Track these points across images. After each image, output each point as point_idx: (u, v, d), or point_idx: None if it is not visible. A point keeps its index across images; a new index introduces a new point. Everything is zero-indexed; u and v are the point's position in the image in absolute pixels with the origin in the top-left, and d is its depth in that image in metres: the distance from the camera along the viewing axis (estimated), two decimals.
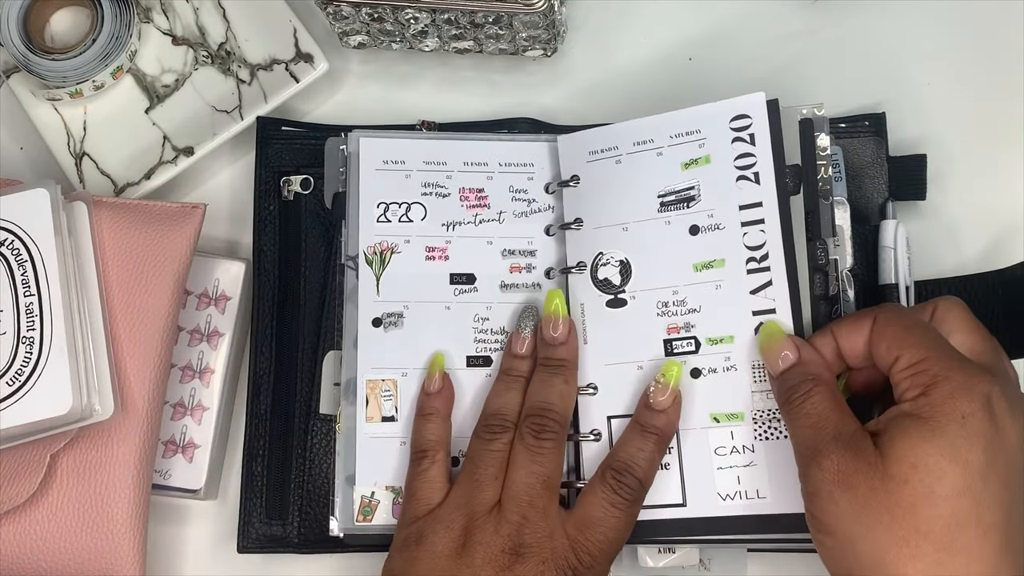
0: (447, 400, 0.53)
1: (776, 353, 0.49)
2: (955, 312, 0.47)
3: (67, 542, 0.53)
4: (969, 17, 0.61)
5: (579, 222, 0.55)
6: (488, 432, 0.51)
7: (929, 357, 0.44)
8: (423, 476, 0.51)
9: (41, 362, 0.51)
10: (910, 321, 0.46)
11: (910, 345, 0.45)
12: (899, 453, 0.42)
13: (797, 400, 0.46)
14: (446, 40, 0.59)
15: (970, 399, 0.42)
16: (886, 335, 0.46)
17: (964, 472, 0.41)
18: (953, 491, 0.41)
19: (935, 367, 0.43)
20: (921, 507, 0.41)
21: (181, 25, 0.63)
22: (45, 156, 0.63)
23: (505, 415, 0.51)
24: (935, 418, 0.42)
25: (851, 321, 0.48)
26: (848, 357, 0.48)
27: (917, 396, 0.43)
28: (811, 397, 0.46)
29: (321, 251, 0.59)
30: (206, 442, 0.58)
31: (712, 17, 0.62)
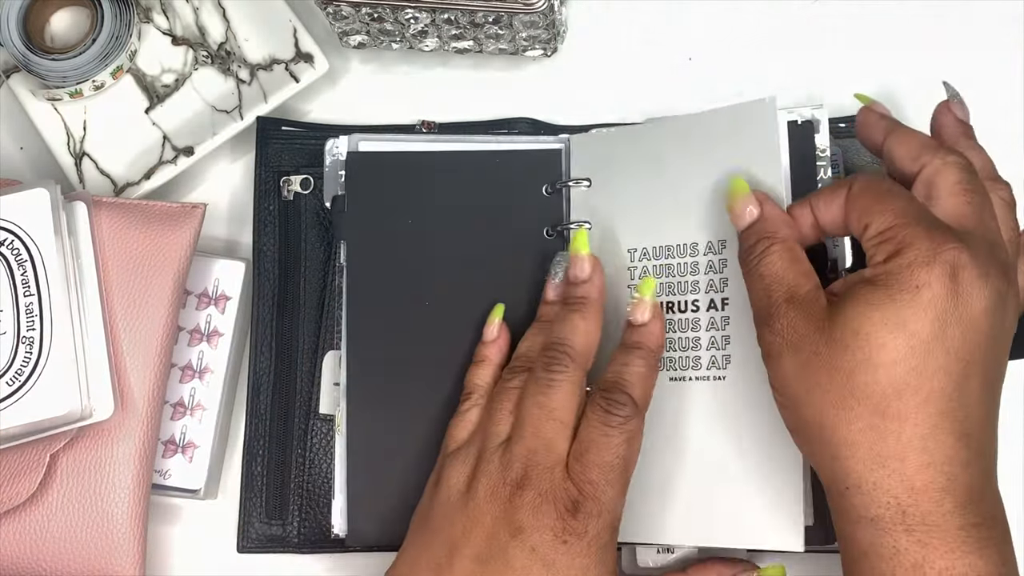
0: (501, 349, 0.53)
1: (741, 209, 0.48)
2: (943, 175, 0.45)
3: (67, 542, 0.53)
4: (969, 17, 0.61)
5: (587, 224, 0.55)
6: (510, 372, 0.51)
7: (897, 224, 0.43)
8: (462, 416, 0.51)
9: (41, 362, 0.51)
10: (883, 188, 0.45)
11: (879, 212, 0.43)
12: (845, 319, 0.42)
13: (753, 261, 0.46)
14: (446, 40, 0.59)
15: (930, 268, 0.41)
16: (858, 204, 0.45)
17: (906, 342, 0.41)
18: (891, 360, 0.41)
19: (901, 233, 0.42)
20: (857, 373, 0.41)
21: (181, 25, 0.63)
22: (45, 156, 0.63)
23: (529, 356, 0.51)
24: (888, 285, 0.41)
25: (828, 191, 0.47)
26: (825, 226, 0.47)
27: (880, 263, 0.42)
28: (767, 256, 0.46)
29: (321, 251, 0.59)
30: (206, 442, 0.58)
31: (712, 17, 0.62)
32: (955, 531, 0.41)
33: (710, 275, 0.52)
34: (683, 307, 0.52)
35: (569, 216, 0.56)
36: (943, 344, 0.41)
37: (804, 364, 0.43)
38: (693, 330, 0.52)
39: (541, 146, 0.57)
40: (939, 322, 0.41)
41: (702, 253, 0.52)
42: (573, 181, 0.56)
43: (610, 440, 0.47)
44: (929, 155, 0.45)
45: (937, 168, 0.45)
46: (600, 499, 0.46)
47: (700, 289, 0.52)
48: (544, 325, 0.52)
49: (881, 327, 0.41)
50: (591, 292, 0.51)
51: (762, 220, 0.47)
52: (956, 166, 0.45)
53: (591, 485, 0.46)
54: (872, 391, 0.41)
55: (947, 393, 0.41)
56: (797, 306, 0.44)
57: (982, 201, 0.44)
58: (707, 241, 0.52)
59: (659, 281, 0.53)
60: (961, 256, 0.41)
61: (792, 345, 0.43)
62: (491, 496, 0.47)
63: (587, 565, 0.45)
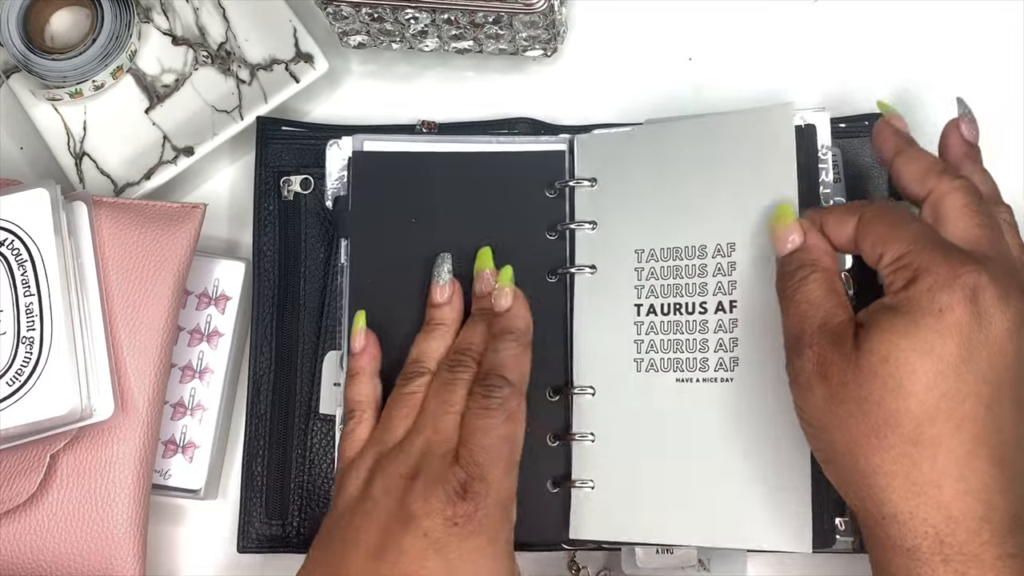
0: (372, 358, 0.53)
1: (784, 236, 0.48)
2: (950, 199, 0.45)
3: (67, 542, 0.53)
4: (969, 17, 0.61)
5: (593, 224, 0.55)
6: (404, 378, 0.52)
7: (912, 250, 0.43)
8: (349, 435, 0.52)
9: (41, 362, 0.51)
10: (895, 217, 0.45)
11: (893, 239, 0.44)
12: (872, 346, 0.41)
13: (792, 287, 0.46)
14: (446, 40, 0.59)
15: (950, 291, 0.41)
16: (870, 232, 0.45)
17: (935, 367, 0.40)
18: (922, 386, 0.40)
19: (918, 260, 0.42)
20: (888, 401, 0.41)
21: (181, 25, 0.63)
22: (45, 156, 0.63)
23: (423, 361, 0.52)
24: (911, 312, 0.41)
25: (838, 214, 0.47)
26: (837, 246, 0.48)
27: (899, 290, 0.42)
28: (806, 284, 0.45)
29: (321, 251, 0.59)
30: (206, 442, 0.58)
31: (712, 17, 0.62)
32: (993, 561, 0.40)
33: (718, 277, 0.52)
34: (691, 309, 0.52)
35: (572, 217, 0.56)
36: (971, 368, 0.40)
37: (834, 394, 0.42)
38: (701, 332, 0.52)
39: (544, 147, 0.57)
40: (965, 346, 0.40)
41: (711, 256, 0.52)
42: (577, 181, 0.56)
43: (491, 421, 0.48)
44: (935, 179, 0.46)
45: (944, 192, 0.45)
46: (487, 479, 0.47)
47: (708, 291, 0.52)
48: (435, 329, 0.53)
49: (909, 353, 0.41)
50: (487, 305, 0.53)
51: (804, 248, 0.47)
52: (963, 190, 0.45)
53: (477, 467, 0.47)
54: (904, 419, 0.41)
55: (979, 418, 0.40)
56: (829, 335, 0.43)
57: (992, 223, 0.45)
58: (716, 244, 0.52)
59: (666, 282, 0.53)
60: (980, 278, 0.41)
61: (821, 374, 0.43)
62: (385, 492, 0.48)
63: (479, 545, 0.46)
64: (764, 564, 0.55)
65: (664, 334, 0.53)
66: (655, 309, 0.53)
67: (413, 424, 0.50)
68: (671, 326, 0.53)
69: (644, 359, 0.53)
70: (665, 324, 0.53)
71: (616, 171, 0.55)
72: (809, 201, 0.52)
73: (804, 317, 0.45)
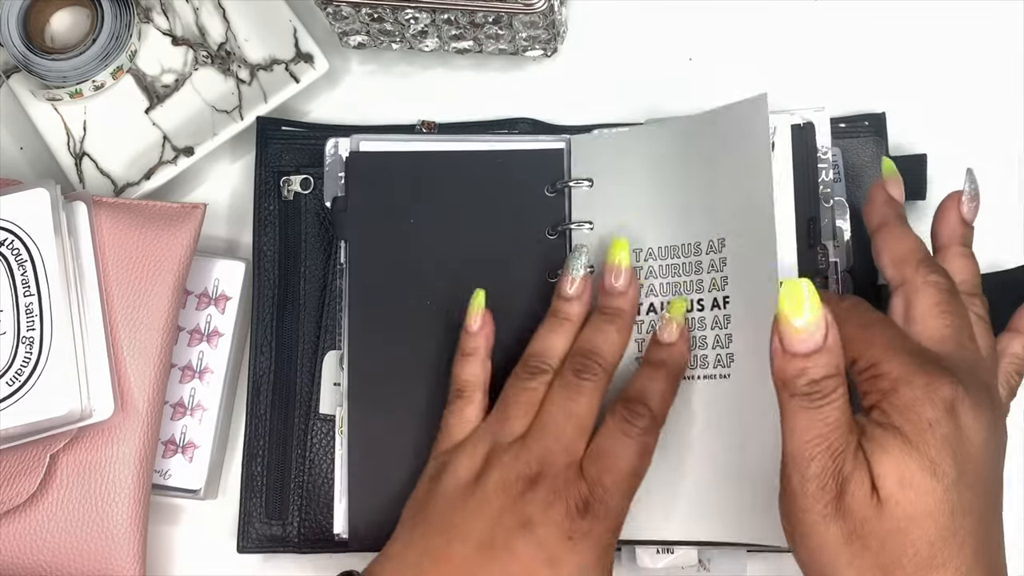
0: (487, 338, 0.52)
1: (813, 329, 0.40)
2: (922, 295, 0.45)
3: (67, 542, 0.53)
4: (969, 17, 0.61)
5: (590, 224, 0.55)
6: (526, 372, 0.51)
7: (883, 360, 0.42)
8: (458, 414, 0.51)
9: (41, 362, 0.51)
10: (866, 319, 0.44)
11: (865, 345, 0.42)
12: (885, 471, 0.40)
13: (817, 402, 0.40)
14: (446, 40, 0.59)
15: (933, 404, 0.40)
16: (842, 333, 0.41)
17: (942, 484, 0.39)
18: (936, 507, 0.39)
19: (894, 370, 0.41)
20: (911, 529, 0.39)
21: (181, 25, 0.63)
22: (45, 156, 0.63)
23: (546, 357, 0.51)
24: (907, 430, 0.40)
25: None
26: None
27: (879, 402, 0.41)
28: (833, 401, 0.40)
29: (321, 251, 0.59)
30: (206, 442, 0.58)
31: (712, 17, 0.62)
32: None
33: (712, 273, 0.52)
34: (689, 307, 0.52)
35: (571, 216, 0.56)
36: (965, 482, 0.40)
37: (855, 531, 0.40)
38: (699, 329, 0.52)
39: (542, 146, 0.57)
40: (957, 460, 0.40)
41: (704, 252, 0.52)
42: (575, 181, 0.56)
43: (626, 448, 0.47)
44: (912, 269, 0.46)
45: (917, 287, 0.45)
46: (608, 503, 0.47)
47: (704, 288, 0.52)
48: (560, 324, 0.52)
49: (920, 472, 0.39)
50: (628, 306, 0.52)
51: (827, 351, 0.40)
52: (936, 287, 0.45)
53: (602, 488, 0.47)
54: (922, 545, 0.39)
55: (976, 534, 0.40)
56: (851, 467, 0.40)
57: (962, 323, 0.44)
58: (708, 240, 0.52)
59: (665, 281, 0.53)
60: (956, 391, 0.40)
61: (842, 509, 0.40)
62: (501, 489, 0.47)
63: (588, 564, 0.46)
64: (764, 564, 0.55)
65: None
66: (655, 308, 0.53)
67: (532, 423, 0.49)
68: None
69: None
70: None
71: (612, 171, 0.55)
72: (808, 199, 0.52)
73: (826, 442, 0.40)
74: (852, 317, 0.44)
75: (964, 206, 0.49)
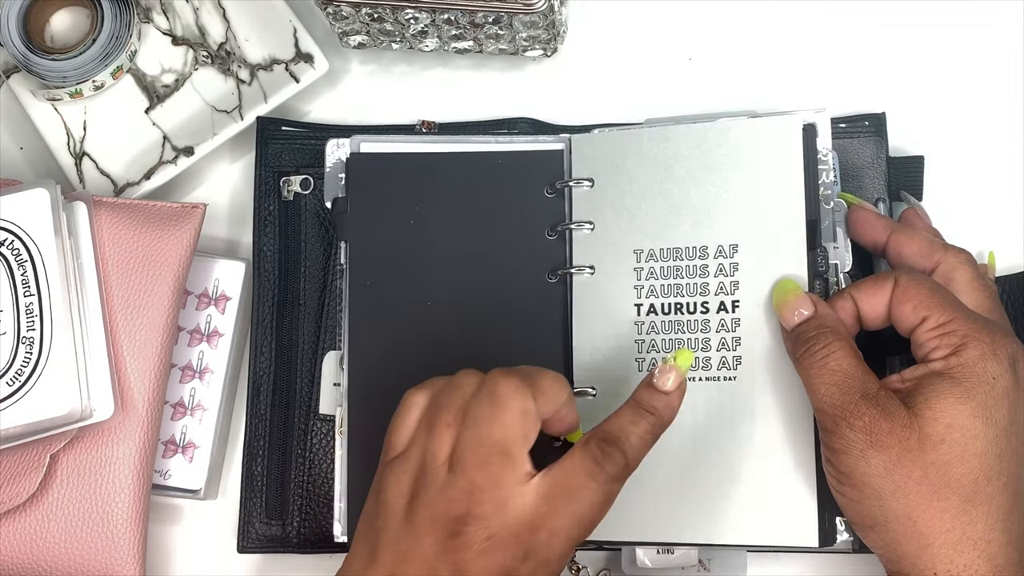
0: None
1: (791, 307, 0.49)
2: (960, 272, 0.49)
3: (67, 542, 0.53)
4: (969, 17, 0.61)
5: (591, 224, 0.55)
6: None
7: (956, 318, 0.46)
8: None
9: (41, 362, 0.51)
10: (932, 283, 0.48)
11: (935, 306, 0.46)
12: (935, 414, 0.44)
13: (819, 354, 0.46)
14: (446, 40, 0.59)
15: (998, 360, 0.44)
16: (909, 296, 0.47)
17: (994, 431, 0.44)
18: (984, 449, 0.43)
19: (963, 328, 0.45)
20: (954, 465, 0.43)
21: (181, 25, 0.63)
22: (45, 156, 0.63)
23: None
24: (968, 379, 0.44)
25: (870, 284, 0.49)
26: (867, 319, 0.49)
27: (947, 356, 0.45)
28: (833, 352, 0.46)
29: (321, 251, 0.59)
30: (206, 442, 0.58)
31: (712, 17, 0.62)
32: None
33: (720, 278, 0.52)
34: (692, 308, 0.52)
35: (571, 217, 0.56)
36: (1015, 430, 0.45)
37: (896, 462, 0.44)
38: (703, 331, 0.52)
39: (542, 146, 0.57)
40: (1012, 410, 0.44)
41: (712, 256, 0.52)
42: (575, 181, 0.56)
43: (592, 494, 0.43)
44: (941, 253, 0.50)
45: (953, 266, 0.49)
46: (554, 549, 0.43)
47: (709, 291, 0.52)
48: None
49: (972, 419, 0.44)
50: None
51: (820, 316, 0.48)
52: (968, 263, 0.49)
53: (550, 534, 0.43)
54: (967, 480, 0.44)
55: (1019, 475, 0.44)
56: (874, 404, 0.45)
57: (993, 294, 0.49)
58: (717, 245, 0.52)
59: (667, 282, 0.53)
60: (1018, 349, 0.45)
61: (878, 443, 0.44)
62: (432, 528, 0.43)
63: None
64: (764, 564, 0.55)
65: (665, 334, 0.53)
66: (655, 309, 0.53)
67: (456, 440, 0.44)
68: (672, 326, 0.53)
69: (646, 359, 0.53)
70: (666, 324, 0.53)
71: (614, 171, 0.55)
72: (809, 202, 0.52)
73: (844, 387, 0.45)
74: (921, 282, 0.48)
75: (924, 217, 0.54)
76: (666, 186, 0.54)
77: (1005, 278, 0.56)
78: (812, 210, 0.52)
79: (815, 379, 0.46)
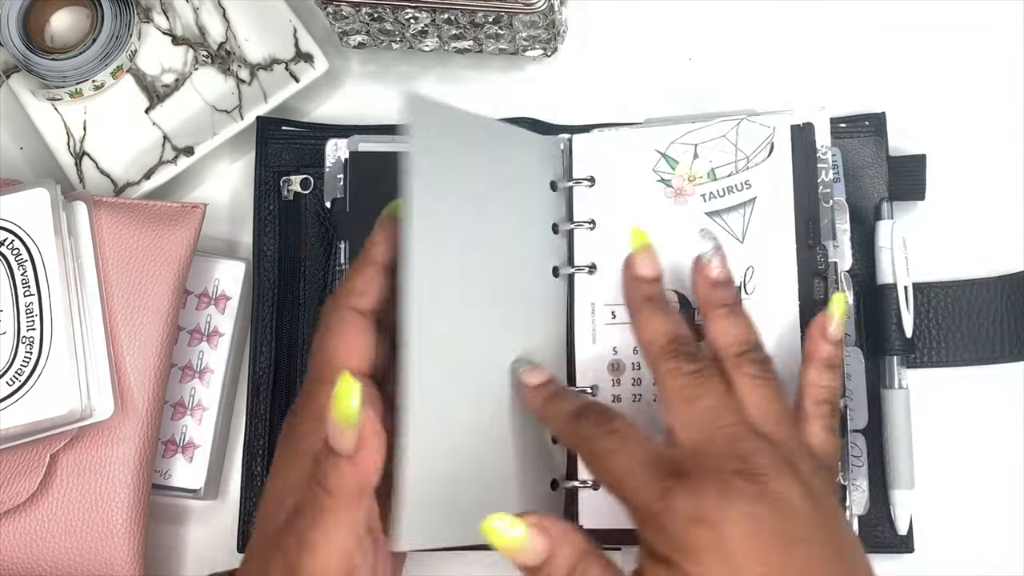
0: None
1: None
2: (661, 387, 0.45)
3: (67, 542, 0.53)
4: (969, 17, 0.61)
5: (592, 223, 0.55)
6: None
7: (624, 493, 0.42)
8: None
9: (41, 362, 0.51)
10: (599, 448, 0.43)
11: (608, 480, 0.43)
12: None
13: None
14: (446, 40, 0.59)
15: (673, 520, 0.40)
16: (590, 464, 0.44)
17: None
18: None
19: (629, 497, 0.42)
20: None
21: (181, 25, 0.63)
22: (45, 156, 0.63)
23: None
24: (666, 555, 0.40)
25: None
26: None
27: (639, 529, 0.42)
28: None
29: (321, 251, 0.59)
30: (206, 442, 0.58)
31: (712, 17, 0.62)
32: None
33: None
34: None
35: (572, 216, 0.56)
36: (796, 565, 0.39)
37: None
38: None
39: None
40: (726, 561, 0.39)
41: None
42: (575, 181, 0.56)
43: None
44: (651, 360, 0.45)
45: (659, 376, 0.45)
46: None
47: None
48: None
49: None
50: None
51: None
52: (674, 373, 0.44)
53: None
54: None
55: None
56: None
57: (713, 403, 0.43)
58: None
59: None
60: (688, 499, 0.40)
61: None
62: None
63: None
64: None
65: None
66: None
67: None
68: None
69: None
70: None
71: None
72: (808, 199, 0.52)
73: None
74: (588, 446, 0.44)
75: (709, 268, 0.47)
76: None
77: (1006, 278, 0.56)
78: (811, 208, 0.52)
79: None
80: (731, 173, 0.53)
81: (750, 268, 0.52)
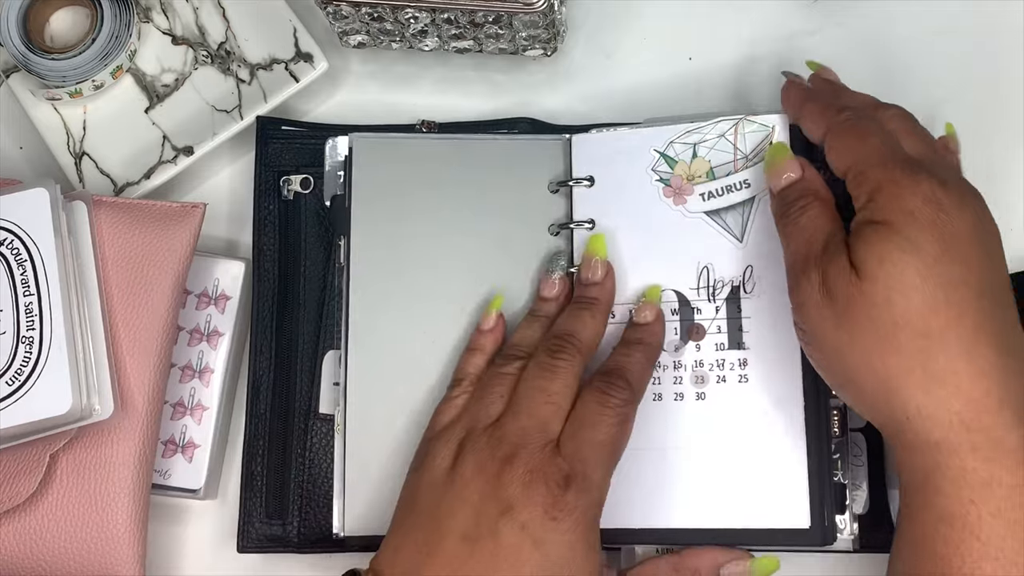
0: (496, 339, 0.53)
1: (780, 170, 0.50)
2: (896, 121, 0.49)
3: (67, 542, 0.53)
4: (969, 17, 0.61)
5: (592, 223, 0.55)
6: (503, 359, 0.51)
7: (871, 166, 0.46)
8: (449, 401, 0.52)
9: (41, 362, 0.51)
10: (862, 130, 0.48)
11: (858, 156, 0.46)
12: (863, 255, 0.44)
13: (794, 213, 0.48)
14: (446, 40, 0.59)
15: (914, 195, 0.44)
16: (835, 146, 0.48)
17: (924, 260, 0.43)
18: (919, 280, 0.43)
19: (878, 172, 0.45)
20: (895, 301, 0.43)
21: (181, 25, 0.63)
22: (45, 156, 0.63)
23: (523, 345, 0.52)
24: (887, 218, 0.44)
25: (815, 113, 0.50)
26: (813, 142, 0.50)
27: (867, 202, 0.45)
28: (808, 211, 0.47)
29: (321, 251, 0.59)
30: (206, 442, 0.58)
31: (712, 17, 0.62)
32: (1017, 445, 0.41)
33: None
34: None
35: (571, 216, 0.56)
36: (953, 258, 0.43)
37: (843, 311, 0.44)
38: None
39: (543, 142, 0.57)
40: (942, 240, 0.43)
41: None
42: (575, 181, 0.56)
43: (604, 420, 0.48)
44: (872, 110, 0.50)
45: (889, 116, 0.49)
46: (590, 477, 0.47)
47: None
48: (537, 319, 0.53)
49: (900, 253, 0.43)
50: (603, 296, 0.53)
51: (804, 180, 0.49)
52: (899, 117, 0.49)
53: (582, 463, 0.47)
54: (911, 314, 0.42)
55: (975, 306, 0.43)
56: (829, 255, 0.45)
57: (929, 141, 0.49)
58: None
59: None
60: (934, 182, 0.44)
61: (829, 295, 0.44)
62: (478, 472, 0.47)
63: (574, 541, 0.46)
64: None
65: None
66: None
67: (507, 405, 0.49)
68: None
69: None
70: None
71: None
72: None
73: (809, 242, 0.46)
74: (849, 129, 0.48)
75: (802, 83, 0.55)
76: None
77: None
78: None
79: (788, 237, 0.48)
80: (730, 172, 0.53)
81: (750, 267, 0.52)
